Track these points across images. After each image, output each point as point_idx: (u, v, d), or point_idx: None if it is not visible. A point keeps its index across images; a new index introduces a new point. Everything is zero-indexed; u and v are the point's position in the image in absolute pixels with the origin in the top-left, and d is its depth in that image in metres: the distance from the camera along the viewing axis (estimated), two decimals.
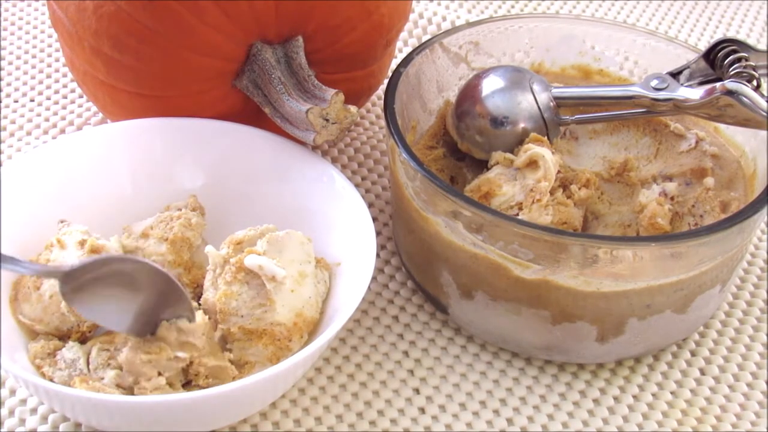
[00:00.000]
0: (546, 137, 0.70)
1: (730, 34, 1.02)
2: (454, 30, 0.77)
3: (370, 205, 0.79)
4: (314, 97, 0.70)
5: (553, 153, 0.69)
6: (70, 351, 0.63)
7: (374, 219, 0.75)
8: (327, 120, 0.69)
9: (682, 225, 0.69)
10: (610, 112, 0.73)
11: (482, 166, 0.72)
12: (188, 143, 0.73)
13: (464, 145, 0.73)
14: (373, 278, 0.73)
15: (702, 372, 0.69)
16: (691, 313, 0.67)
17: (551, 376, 0.68)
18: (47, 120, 0.86)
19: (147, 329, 0.61)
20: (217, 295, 0.64)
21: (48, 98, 0.88)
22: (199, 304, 0.66)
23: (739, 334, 0.72)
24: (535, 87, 0.72)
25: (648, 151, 0.74)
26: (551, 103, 0.72)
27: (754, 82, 0.67)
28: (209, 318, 0.64)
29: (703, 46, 0.99)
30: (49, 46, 0.94)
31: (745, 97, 0.65)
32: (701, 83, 0.70)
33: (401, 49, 0.95)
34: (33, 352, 0.64)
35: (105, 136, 0.73)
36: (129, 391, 0.61)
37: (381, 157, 0.84)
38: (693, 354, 0.70)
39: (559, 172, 0.69)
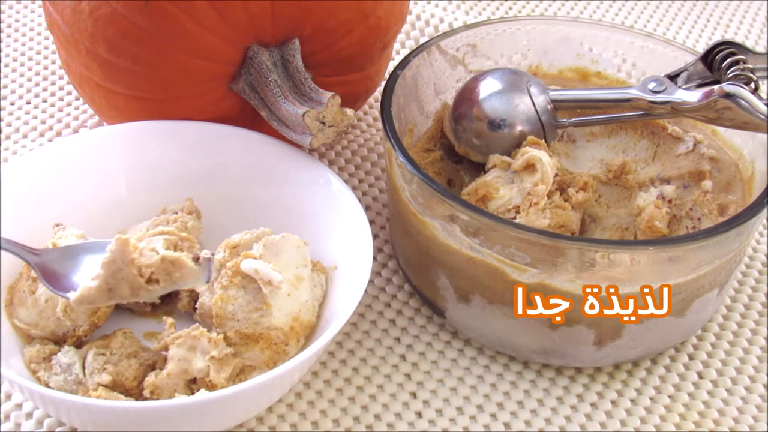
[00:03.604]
0: (543, 140, 0.70)
1: (728, 36, 1.02)
2: (451, 32, 0.77)
3: (367, 209, 0.78)
4: (311, 100, 0.70)
5: (550, 156, 0.69)
6: (66, 355, 0.63)
7: (371, 222, 0.75)
8: (323, 123, 0.69)
9: (680, 228, 0.69)
10: (608, 114, 0.73)
11: (479, 169, 0.72)
12: (184, 146, 0.73)
13: (461, 148, 0.73)
14: (370, 282, 0.73)
15: (700, 375, 0.69)
16: (689, 317, 0.67)
17: (549, 380, 0.68)
18: (43, 123, 0.85)
19: None
20: (213, 300, 0.64)
21: (44, 101, 0.88)
22: (195, 309, 0.66)
23: (737, 338, 0.71)
24: (533, 89, 0.72)
25: (646, 153, 0.74)
26: (549, 106, 0.72)
27: (752, 85, 0.67)
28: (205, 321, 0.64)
29: (701, 48, 0.99)
30: (46, 48, 0.93)
31: (743, 99, 0.65)
32: (699, 86, 0.70)
33: (398, 51, 0.94)
34: (28, 356, 0.63)
35: (101, 138, 0.73)
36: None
37: (378, 160, 0.84)
38: (691, 357, 0.70)
39: (556, 175, 0.69)
